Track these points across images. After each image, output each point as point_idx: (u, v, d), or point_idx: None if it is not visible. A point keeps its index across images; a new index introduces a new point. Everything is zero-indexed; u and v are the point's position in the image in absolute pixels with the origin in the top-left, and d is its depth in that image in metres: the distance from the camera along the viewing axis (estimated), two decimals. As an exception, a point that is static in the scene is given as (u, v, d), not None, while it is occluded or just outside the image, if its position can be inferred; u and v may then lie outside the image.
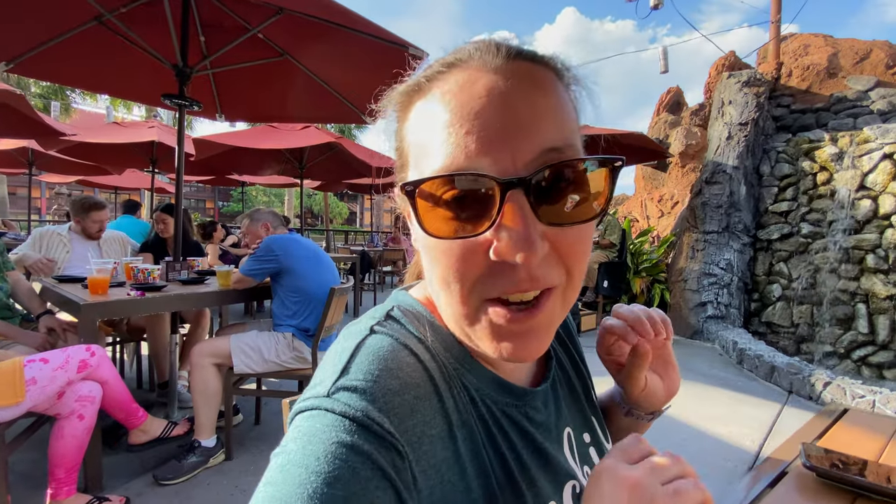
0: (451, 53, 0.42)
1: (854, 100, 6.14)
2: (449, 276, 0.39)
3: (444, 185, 0.37)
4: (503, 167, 0.36)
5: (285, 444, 0.36)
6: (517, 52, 0.41)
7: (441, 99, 0.39)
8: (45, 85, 13.85)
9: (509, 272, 0.37)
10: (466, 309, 0.40)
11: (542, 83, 0.40)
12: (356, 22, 2.68)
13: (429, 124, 0.40)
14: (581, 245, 0.39)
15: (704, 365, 4.39)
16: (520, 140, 0.37)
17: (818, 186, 5.41)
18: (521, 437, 0.47)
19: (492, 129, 0.37)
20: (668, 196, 7.88)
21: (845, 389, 3.34)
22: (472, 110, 0.37)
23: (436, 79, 0.41)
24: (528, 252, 0.35)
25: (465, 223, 0.37)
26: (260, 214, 2.86)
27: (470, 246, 0.37)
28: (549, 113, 0.38)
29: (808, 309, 5.37)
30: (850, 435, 0.92)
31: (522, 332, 0.39)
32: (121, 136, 5.93)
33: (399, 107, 0.45)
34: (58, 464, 1.84)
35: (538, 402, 0.51)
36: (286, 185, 11.34)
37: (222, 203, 40.94)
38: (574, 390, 0.61)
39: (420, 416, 0.38)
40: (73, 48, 3.13)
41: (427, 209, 0.38)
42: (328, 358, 0.43)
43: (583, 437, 0.57)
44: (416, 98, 0.43)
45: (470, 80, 0.39)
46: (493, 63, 0.39)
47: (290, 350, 2.43)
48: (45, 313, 2.45)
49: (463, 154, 0.37)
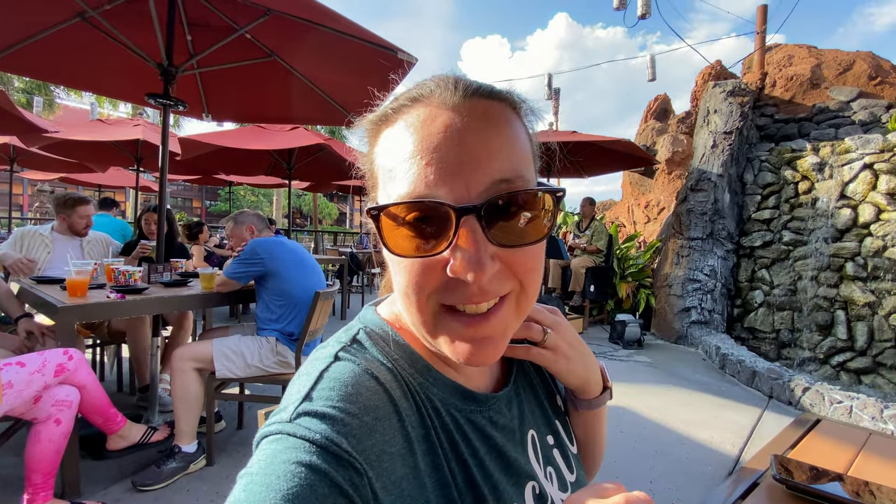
0: (415, 88, 0.47)
1: (836, 110, 6.28)
2: (409, 288, 0.43)
3: (406, 210, 0.41)
4: (458, 195, 0.40)
5: (250, 465, 0.38)
6: (474, 89, 0.45)
7: (405, 130, 0.44)
8: (29, 80, 13.58)
9: (463, 286, 0.41)
10: (424, 316, 0.44)
11: (496, 119, 0.44)
12: (344, 25, 2.66)
13: (394, 152, 0.44)
14: (532, 262, 0.44)
15: (688, 370, 4.44)
16: (473, 172, 0.41)
17: (800, 195, 5.51)
18: (483, 443, 0.50)
19: (448, 162, 0.41)
20: (654, 202, 7.97)
21: (824, 395, 3.40)
22: (431, 144, 0.41)
23: (401, 111, 0.46)
24: (478, 272, 0.40)
25: (424, 243, 0.41)
26: (244, 217, 2.83)
27: (428, 263, 0.42)
28: (500, 147, 0.42)
29: (789, 315, 5.46)
30: (822, 446, 0.93)
31: (478, 338, 0.43)
32: (105, 134, 5.82)
33: (369, 133, 0.50)
34: (34, 469, 1.80)
35: (501, 405, 0.54)
36: (274, 185, 11.24)
37: (210, 202, 40.42)
38: (537, 395, 0.64)
39: (379, 435, 0.41)
40: (55, 45, 3.06)
41: (391, 229, 0.42)
42: (295, 381, 0.46)
43: (546, 439, 0.60)
44: (384, 127, 0.47)
45: (430, 116, 0.43)
46: (451, 101, 0.44)
47: (274, 355, 2.40)
48: (23, 316, 2.40)
49: (423, 183, 0.41)
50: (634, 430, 3.06)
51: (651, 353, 5.03)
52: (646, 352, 5.09)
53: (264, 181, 10.02)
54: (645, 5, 6.20)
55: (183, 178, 10.19)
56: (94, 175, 9.35)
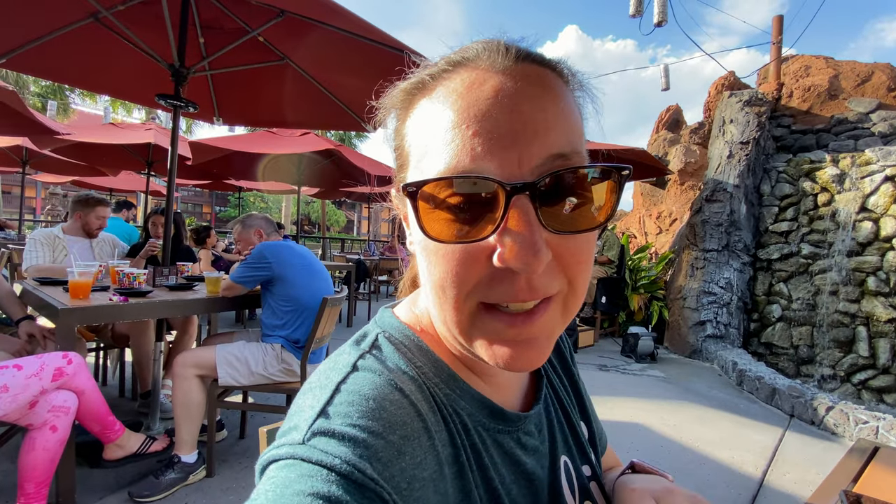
0: (457, 52, 0.41)
1: (855, 122, 6.15)
2: (447, 280, 0.37)
3: (447, 187, 0.36)
4: (509, 171, 0.35)
5: (255, 497, 0.32)
6: (526, 54, 0.40)
7: (446, 98, 0.38)
8: (45, 84, 13.78)
9: (509, 280, 0.36)
10: (459, 315, 0.38)
11: (551, 87, 0.38)
12: (359, 27, 2.62)
13: (432, 124, 0.38)
14: (584, 254, 0.38)
15: (704, 385, 4.30)
16: (527, 144, 0.35)
17: (819, 207, 5.38)
18: (511, 469, 0.45)
19: (499, 132, 0.35)
20: (666, 213, 7.85)
21: (848, 415, 3.26)
22: (479, 111, 0.36)
23: (441, 77, 0.40)
24: (533, 259, 0.34)
25: (467, 227, 0.36)
26: (253, 220, 2.77)
27: (472, 250, 0.36)
28: (557, 118, 0.37)
29: (809, 330, 5.30)
30: (888, 477, 0.84)
31: (520, 340, 0.38)
32: (117, 137, 5.84)
33: (401, 104, 0.44)
34: (28, 477, 1.73)
35: (531, 426, 0.49)
36: (284, 191, 11.26)
37: (219, 208, 40.80)
38: (570, 417, 0.58)
39: (409, 457, 0.36)
40: (67, 45, 3.06)
41: (428, 211, 0.36)
42: (306, 393, 0.40)
43: (582, 470, 0.54)
44: (420, 96, 0.41)
45: (478, 80, 0.37)
46: (502, 64, 0.38)
47: (279, 362, 2.32)
48: (24, 318, 2.34)
49: (469, 156, 0.35)
50: (650, 447, 2.94)
51: (665, 368, 4.89)
52: (659, 366, 4.95)
53: (274, 187, 10.05)
54: (662, 13, 6.14)
55: (193, 183, 10.23)
56: (106, 179, 9.43)
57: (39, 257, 2.90)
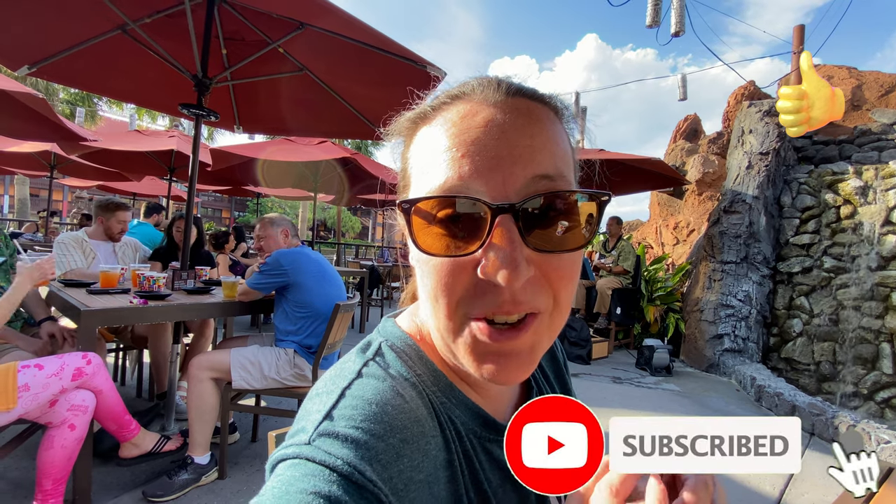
0: (457, 87, 0.45)
1: (879, 133, 6.01)
2: (438, 290, 0.40)
3: (438, 205, 0.39)
4: (495, 192, 0.38)
5: (262, 494, 0.35)
6: (517, 89, 0.43)
7: (443, 126, 0.42)
8: (74, 92, 14.22)
9: (494, 292, 0.38)
10: (452, 323, 0.40)
11: (539, 118, 0.42)
12: (377, 39, 2.67)
13: (430, 148, 0.42)
14: (568, 271, 0.40)
15: (721, 401, 4.21)
16: (512, 167, 0.38)
17: (842, 220, 5.25)
18: (500, 475, 0.47)
19: (486, 156, 0.38)
20: (683, 223, 7.75)
21: (870, 434, 3.16)
22: (469, 138, 0.39)
23: (440, 108, 0.44)
24: (512, 272, 0.36)
25: (456, 242, 0.39)
26: (282, 220, 2.79)
27: (459, 263, 0.39)
28: (545, 144, 0.40)
29: (831, 346, 5.15)
30: (901, 501, 0.81)
31: (505, 353, 0.39)
32: (141, 144, 6.02)
33: (406, 132, 0.48)
34: (45, 474, 1.78)
35: None
36: (301, 197, 11.41)
37: (238, 213, 41.50)
38: None
39: (407, 460, 0.38)
40: (95, 55, 3.17)
41: (421, 226, 0.40)
42: (313, 398, 0.43)
43: None
44: (422, 125, 0.45)
45: (471, 111, 0.41)
46: (494, 98, 0.42)
47: (291, 367, 2.35)
48: (47, 319, 2.41)
49: (457, 176, 0.38)
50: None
51: (680, 382, 4.80)
52: (675, 379, 4.87)
53: (291, 193, 10.20)
54: (679, 23, 6.10)
55: (213, 188, 10.45)
56: (130, 184, 9.68)
57: (76, 260, 2.95)
